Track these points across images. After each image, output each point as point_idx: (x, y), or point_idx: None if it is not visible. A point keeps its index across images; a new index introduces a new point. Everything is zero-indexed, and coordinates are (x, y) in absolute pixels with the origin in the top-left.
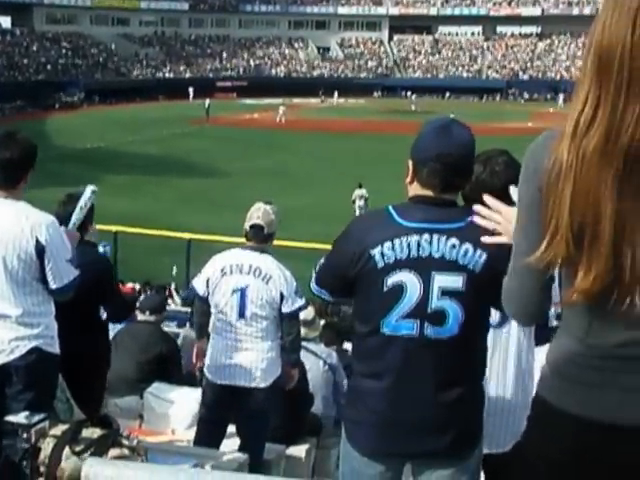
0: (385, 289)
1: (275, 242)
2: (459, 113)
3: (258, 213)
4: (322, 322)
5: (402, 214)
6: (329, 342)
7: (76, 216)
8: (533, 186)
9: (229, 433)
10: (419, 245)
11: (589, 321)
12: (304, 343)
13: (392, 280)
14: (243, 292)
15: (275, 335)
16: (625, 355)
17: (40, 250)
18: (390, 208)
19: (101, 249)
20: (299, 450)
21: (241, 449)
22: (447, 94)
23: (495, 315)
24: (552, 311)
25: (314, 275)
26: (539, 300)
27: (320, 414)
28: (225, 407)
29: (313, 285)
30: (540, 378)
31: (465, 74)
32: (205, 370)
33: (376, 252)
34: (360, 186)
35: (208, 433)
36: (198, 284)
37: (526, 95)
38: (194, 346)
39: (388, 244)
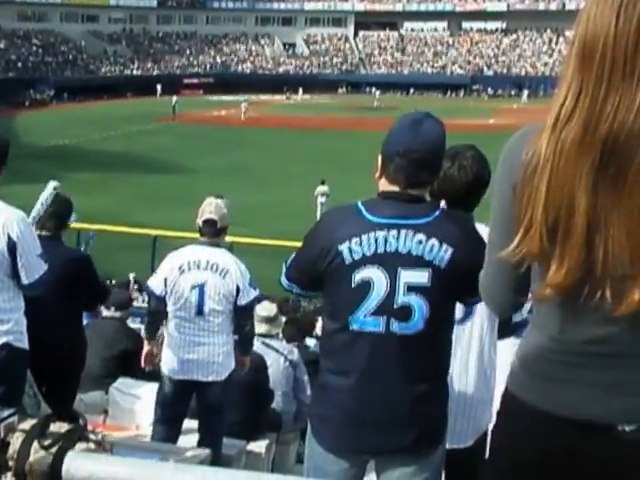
0: (353, 285)
1: (238, 239)
2: (422, 109)
3: (210, 208)
4: (284, 319)
5: (370, 210)
6: (290, 338)
7: (36, 211)
8: (509, 180)
9: (185, 429)
10: (386, 241)
11: (560, 317)
12: (266, 340)
13: (360, 276)
14: (202, 288)
15: (230, 329)
16: (595, 352)
17: (12, 246)
18: (359, 204)
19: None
20: (259, 446)
21: (200, 444)
22: (411, 90)
23: (458, 311)
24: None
25: (284, 269)
26: (513, 294)
27: (280, 410)
28: (181, 403)
29: (283, 279)
30: (510, 374)
31: (430, 70)
32: (162, 366)
33: (344, 248)
34: (322, 183)
35: (165, 429)
36: (154, 284)
37: (490, 91)
38: (143, 348)
39: (356, 240)
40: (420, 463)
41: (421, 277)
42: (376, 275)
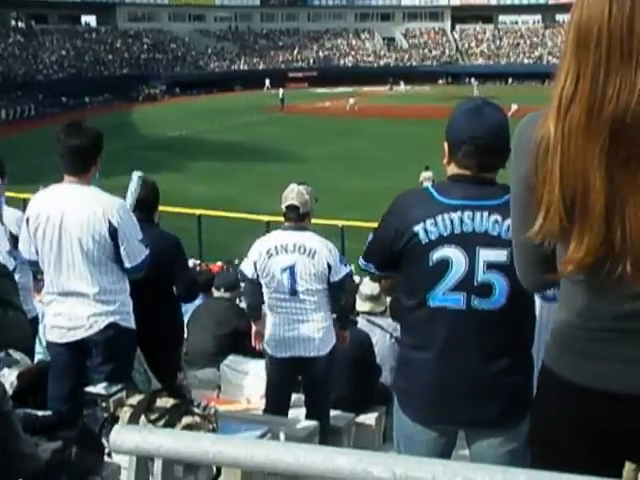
0: (430, 264)
1: (350, 222)
2: (522, 98)
3: (292, 194)
4: (389, 298)
5: (442, 192)
6: (396, 316)
7: (129, 200)
8: (524, 164)
9: (294, 402)
10: (462, 221)
11: (586, 294)
12: (371, 317)
13: (437, 255)
14: (292, 270)
15: (328, 306)
16: (625, 327)
17: (113, 232)
18: (429, 187)
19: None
20: (369, 418)
21: (307, 417)
22: (510, 80)
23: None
24: None
25: (364, 250)
26: (541, 272)
27: (389, 384)
28: (288, 378)
29: (360, 260)
30: (545, 349)
31: (526, 60)
32: (265, 345)
33: (419, 229)
34: (427, 168)
35: (275, 407)
36: (246, 267)
37: None
38: (251, 329)
39: (430, 221)
40: (508, 434)
41: (500, 255)
42: (454, 254)
